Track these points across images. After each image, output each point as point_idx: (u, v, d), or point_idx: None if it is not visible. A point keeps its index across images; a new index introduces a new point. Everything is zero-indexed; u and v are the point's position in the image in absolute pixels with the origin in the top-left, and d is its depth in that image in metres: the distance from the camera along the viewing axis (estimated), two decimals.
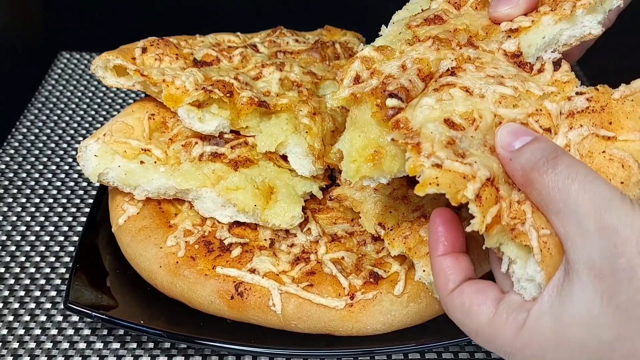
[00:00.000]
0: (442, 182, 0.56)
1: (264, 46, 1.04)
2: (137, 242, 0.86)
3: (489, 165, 0.59)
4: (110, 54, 0.94)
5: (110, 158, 0.88)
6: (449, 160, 0.57)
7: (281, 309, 0.79)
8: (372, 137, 0.67)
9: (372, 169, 0.66)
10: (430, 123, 0.61)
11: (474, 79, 0.67)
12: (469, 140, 0.61)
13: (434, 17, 0.76)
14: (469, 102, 0.64)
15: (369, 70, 0.70)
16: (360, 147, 0.67)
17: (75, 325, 0.89)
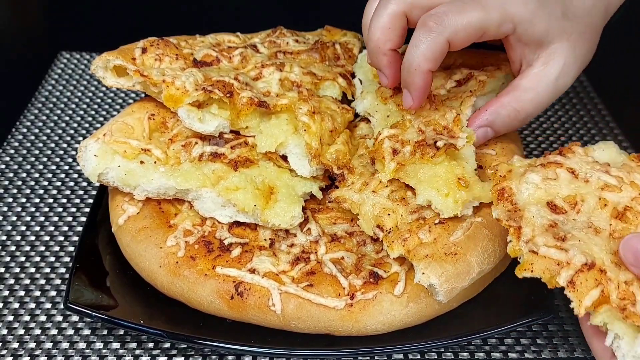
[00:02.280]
0: (536, 269, 0.63)
1: (264, 46, 1.04)
2: (137, 242, 0.86)
3: (588, 250, 0.63)
4: (110, 54, 0.94)
5: (110, 158, 0.89)
6: (545, 247, 0.63)
7: (281, 309, 0.79)
8: (444, 177, 0.79)
9: (468, 193, 0.78)
10: (534, 206, 0.67)
11: (581, 162, 0.71)
12: (572, 223, 0.66)
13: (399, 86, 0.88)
14: (574, 185, 0.68)
15: (397, 142, 0.84)
16: (443, 183, 0.78)
17: (75, 325, 0.89)
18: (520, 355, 0.85)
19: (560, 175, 0.69)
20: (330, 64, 1.04)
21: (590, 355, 0.85)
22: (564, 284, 0.61)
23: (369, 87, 0.99)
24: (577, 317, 0.65)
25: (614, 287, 0.62)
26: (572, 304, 0.61)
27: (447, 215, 0.79)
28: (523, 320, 0.80)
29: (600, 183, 0.69)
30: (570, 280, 0.61)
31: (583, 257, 0.62)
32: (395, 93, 0.92)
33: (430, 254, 0.77)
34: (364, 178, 0.87)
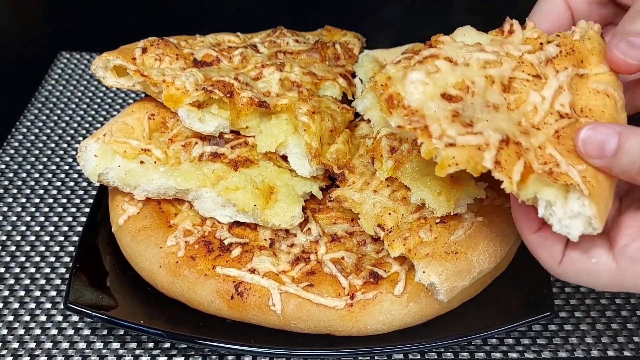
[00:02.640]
0: (460, 160, 0.58)
1: (264, 46, 1.04)
2: (137, 242, 0.86)
3: (498, 126, 0.61)
4: (110, 54, 0.94)
5: (110, 158, 0.88)
6: (460, 137, 0.59)
7: (281, 308, 0.79)
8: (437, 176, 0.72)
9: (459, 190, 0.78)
10: (430, 102, 0.62)
11: (454, 49, 0.68)
12: (471, 107, 0.63)
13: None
14: (457, 71, 0.66)
15: (396, 140, 0.84)
16: (437, 182, 0.78)
17: (75, 325, 0.89)
18: (521, 355, 0.85)
19: (442, 67, 0.66)
20: (331, 64, 1.04)
21: (590, 355, 0.85)
22: (490, 166, 0.58)
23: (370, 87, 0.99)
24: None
25: (533, 155, 0.61)
26: (503, 184, 0.59)
27: (440, 213, 0.79)
28: (523, 320, 0.80)
29: (480, 62, 0.67)
30: (495, 160, 0.59)
31: (498, 134, 0.60)
32: None
33: (431, 253, 0.77)
34: (365, 177, 0.87)
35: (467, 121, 0.62)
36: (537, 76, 0.69)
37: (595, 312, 0.91)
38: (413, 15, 1.68)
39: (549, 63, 0.70)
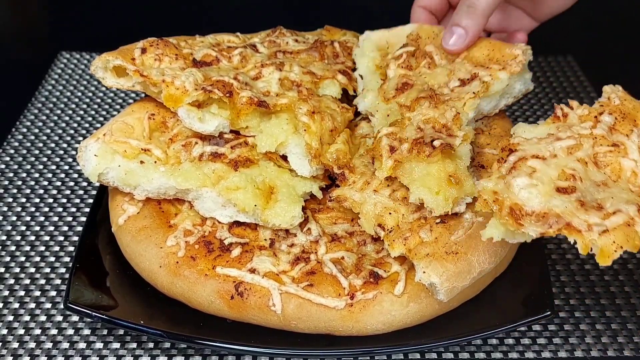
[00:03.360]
0: (621, 242, 0.63)
1: (264, 46, 1.04)
2: (137, 242, 0.86)
3: (623, 198, 0.67)
4: (110, 55, 0.94)
5: (110, 158, 0.88)
6: (607, 221, 0.64)
7: (281, 309, 0.79)
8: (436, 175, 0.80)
9: (459, 190, 0.79)
10: (552, 199, 0.66)
11: (534, 146, 0.74)
12: (588, 192, 0.68)
13: (402, 85, 0.94)
14: (552, 164, 0.71)
15: (396, 139, 0.84)
16: (435, 181, 0.79)
17: (75, 325, 0.89)
18: (521, 355, 0.85)
19: (536, 165, 0.70)
20: (330, 62, 1.03)
21: (590, 355, 0.86)
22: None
23: (371, 84, 0.99)
24: None
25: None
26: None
27: (437, 212, 0.79)
28: (523, 320, 0.80)
29: (564, 150, 0.73)
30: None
31: (632, 205, 0.65)
32: (398, 93, 0.93)
33: (431, 253, 0.77)
34: (365, 177, 0.87)
35: (595, 205, 0.67)
36: (615, 144, 0.74)
37: (595, 312, 0.92)
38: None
39: (614, 131, 0.75)
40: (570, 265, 0.98)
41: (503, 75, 0.93)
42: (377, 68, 1.01)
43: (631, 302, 0.93)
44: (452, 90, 0.92)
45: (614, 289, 0.95)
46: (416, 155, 0.81)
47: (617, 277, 0.97)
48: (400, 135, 0.85)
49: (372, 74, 1.00)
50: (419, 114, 0.87)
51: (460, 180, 0.81)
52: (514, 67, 0.92)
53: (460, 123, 0.85)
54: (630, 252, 0.99)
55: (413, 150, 0.82)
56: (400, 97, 0.92)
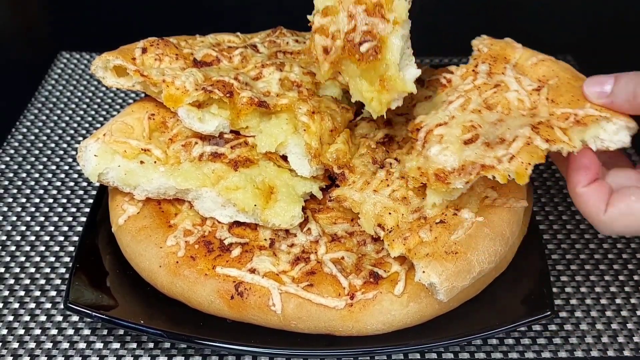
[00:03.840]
0: (527, 160, 0.74)
1: (264, 46, 1.04)
2: (137, 242, 0.86)
3: (518, 124, 0.78)
4: (110, 55, 0.94)
5: (110, 158, 0.88)
6: (512, 148, 0.75)
7: (281, 309, 0.79)
8: (367, 79, 0.80)
9: (390, 93, 0.79)
10: (464, 152, 0.77)
11: (434, 117, 0.84)
12: (489, 132, 0.79)
13: None
14: (454, 124, 0.81)
15: (328, 37, 0.80)
16: (368, 87, 0.80)
17: (75, 325, 0.89)
18: (521, 355, 0.85)
19: (442, 132, 0.81)
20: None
21: (590, 355, 0.85)
22: (546, 146, 0.75)
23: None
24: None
25: (556, 121, 0.79)
26: (562, 149, 0.75)
27: (375, 116, 0.82)
28: (523, 320, 0.80)
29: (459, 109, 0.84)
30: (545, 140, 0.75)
31: (526, 127, 0.77)
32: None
33: (431, 253, 0.77)
34: (365, 177, 0.87)
35: (498, 140, 0.77)
36: (497, 85, 0.85)
37: (595, 312, 0.91)
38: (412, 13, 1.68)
39: (491, 74, 0.87)
40: (570, 266, 0.98)
41: None
42: None
43: (631, 302, 0.93)
44: None
45: (614, 289, 0.95)
46: (348, 56, 0.79)
47: (617, 277, 0.97)
48: (332, 28, 0.80)
49: None
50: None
51: (391, 81, 0.78)
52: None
53: (393, 0, 0.79)
54: (630, 253, 1.00)
55: (346, 48, 0.79)
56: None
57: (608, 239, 1.03)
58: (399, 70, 0.79)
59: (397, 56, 0.78)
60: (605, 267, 0.98)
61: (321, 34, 0.80)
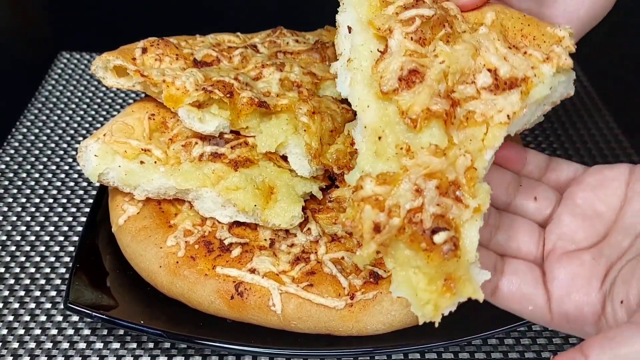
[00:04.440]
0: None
1: (264, 46, 1.04)
2: (137, 242, 0.86)
3: None
4: (111, 55, 0.94)
5: (111, 158, 0.89)
6: None
7: (281, 309, 0.79)
8: (429, 274, 0.58)
9: (453, 298, 0.58)
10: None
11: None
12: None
13: (409, 73, 0.62)
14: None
15: (382, 211, 0.58)
16: (426, 285, 0.58)
17: (75, 325, 0.89)
18: (521, 355, 0.85)
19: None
20: (330, 64, 1.03)
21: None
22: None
23: (360, 52, 0.67)
24: None
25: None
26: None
27: (421, 321, 0.59)
28: (523, 320, 0.80)
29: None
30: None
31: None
32: (402, 86, 0.62)
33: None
34: None
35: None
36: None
37: None
38: None
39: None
40: None
41: (547, 69, 0.65)
42: (371, 24, 0.67)
43: None
44: (478, 93, 0.63)
45: None
46: (409, 242, 0.58)
47: None
48: (390, 201, 0.58)
49: (365, 31, 0.68)
50: (419, 164, 0.59)
51: (459, 283, 0.58)
52: (563, 57, 0.65)
53: (475, 181, 0.60)
54: None
55: (405, 230, 0.58)
56: (404, 95, 0.62)
57: None
58: (469, 272, 0.59)
59: (472, 254, 0.59)
60: None
61: (374, 206, 0.58)
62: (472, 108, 0.63)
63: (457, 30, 0.67)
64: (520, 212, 0.70)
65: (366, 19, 0.69)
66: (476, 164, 0.61)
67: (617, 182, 0.65)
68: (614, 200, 0.64)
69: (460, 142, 0.62)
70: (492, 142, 0.62)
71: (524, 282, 0.64)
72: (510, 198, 0.70)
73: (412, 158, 0.60)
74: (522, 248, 0.67)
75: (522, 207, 0.70)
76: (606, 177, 0.66)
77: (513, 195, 0.70)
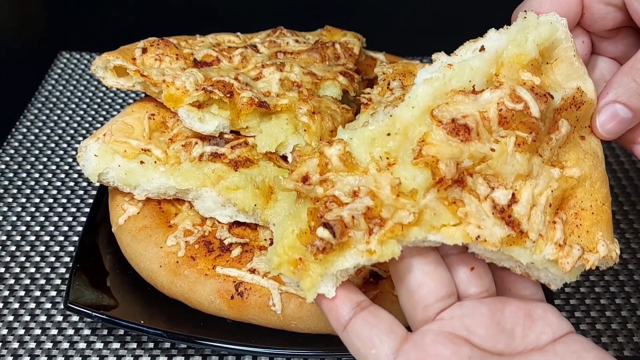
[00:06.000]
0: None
1: (264, 46, 1.04)
2: (137, 242, 0.86)
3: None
4: (111, 55, 0.94)
5: (110, 158, 0.88)
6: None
7: (281, 308, 0.79)
8: (301, 238, 0.60)
9: (292, 274, 0.59)
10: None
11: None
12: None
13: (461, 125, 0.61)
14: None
15: (321, 175, 0.60)
16: (288, 246, 0.60)
17: (75, 325, 0.89)
18: None
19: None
20: (331, 64, 1.03)
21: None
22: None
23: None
24: None
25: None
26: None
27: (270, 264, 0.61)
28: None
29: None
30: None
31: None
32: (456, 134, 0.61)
33: None
34: None
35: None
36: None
37: (595, 312, 0.92)
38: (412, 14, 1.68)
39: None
40: None
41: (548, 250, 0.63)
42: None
43: (631, 302, 0.93)
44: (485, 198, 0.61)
45: (614, 289, 0.95)
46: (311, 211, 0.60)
47: (617, 277, 0.97)
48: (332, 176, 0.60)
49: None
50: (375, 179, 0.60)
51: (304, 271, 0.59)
52: (568, 260, 0.63)
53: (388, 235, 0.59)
54: (630, 253, 1.00)
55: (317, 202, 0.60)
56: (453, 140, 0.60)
57: None
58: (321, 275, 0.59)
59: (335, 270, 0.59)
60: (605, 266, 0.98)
61: (320, 165, 0.61)
62: (467, 201, 0.60)
63: (537, 147, 0.63)
64: (449, 269, 0.62)
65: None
66: (407, 239, 0.58)
67: (549, 330, 0.60)
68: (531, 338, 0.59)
69: (423, 205, 0.59)
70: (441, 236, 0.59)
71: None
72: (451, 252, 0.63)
73: (379, 171, 0.60)
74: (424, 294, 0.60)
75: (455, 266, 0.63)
76: (544, 318, 0.61)
77: (455, 252, 0.63)
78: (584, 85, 0.66)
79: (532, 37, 0.65)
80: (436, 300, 0.59)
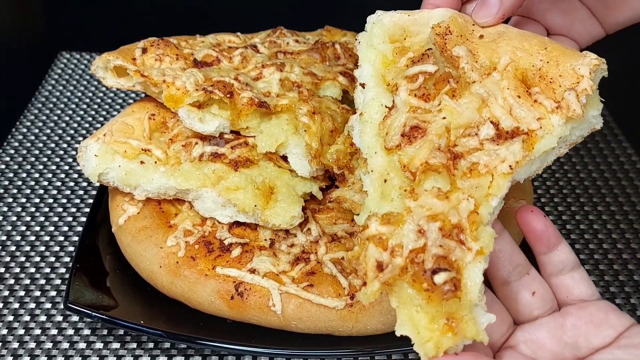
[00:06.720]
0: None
1: (264, 46, 1.04)
2: (137, 242, 0.86)
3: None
4: (111, 55, 0.94)
5: (111, 158, 0.89)
6: None
7: (281, 309, 0.79)
8: (430, 314, 0.59)
9: (455, 338, 0.58)
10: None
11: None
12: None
13: (410, 129, 0.66)
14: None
15: (386, 250, 0.60)
16: (427, 324, 0.59)
17: (75, 325, 0.89)
18: None
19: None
20: (331, 64, 1.03)
21: None
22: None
23: (371, 106, 0.71)
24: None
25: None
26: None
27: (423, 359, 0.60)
28: None
29: None
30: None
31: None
32: (404, 142, 0.66)
33: None
34: None
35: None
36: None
37: None
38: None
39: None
40: None
41: (555, 120, 0.64)
42: (384, 78, 0.73)
43: (631, 302, 0.93)
44: (481, 144, 0.64)
45: (614, 289, 0.95)
46: (410, 281, 0.59)
47: (617, 277, 0.97)
48: (394, 240, 0.60)
49: (378, 86, 0.72)
50: (422, 206, 0.61)
51: (463, 324, 0.58)
52: (573, 106, 0.63)
53: (478, 225, 0.61)
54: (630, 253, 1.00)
55: (408, 270, 0.59)
56: (405, 150, 0.65)
57: (608, 239, 1.03)
58: (472, 313, 0.59)
59: (475, 295, 0.59)
60: (605, 267, 0.98)
61: (377, 245, 0.60)
62: (476, 159, 0.63)
63: (467, 81, 0.67)
64: (510, 296, 0.68)
65: (380, 72, 0.73)
66: (480, 209, 0.61)
67: (612, 330, 0.63)
68: (596, 342, 0.63)
69: (464, 188, 0.62)
70: (497, 191, 0.62)
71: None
72: (510, 279, 0.68)
73: (415, 200, 0.62)
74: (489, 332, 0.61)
75: (516, 293, 0.68)
76: (606, 320, 0.64)
77: (514, 278, 0.68)
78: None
79: (376, 41, 0.74)
80: (501, 336, 0.66)
